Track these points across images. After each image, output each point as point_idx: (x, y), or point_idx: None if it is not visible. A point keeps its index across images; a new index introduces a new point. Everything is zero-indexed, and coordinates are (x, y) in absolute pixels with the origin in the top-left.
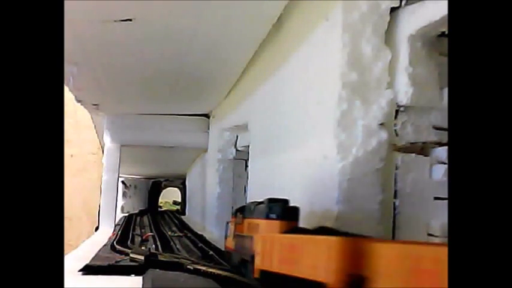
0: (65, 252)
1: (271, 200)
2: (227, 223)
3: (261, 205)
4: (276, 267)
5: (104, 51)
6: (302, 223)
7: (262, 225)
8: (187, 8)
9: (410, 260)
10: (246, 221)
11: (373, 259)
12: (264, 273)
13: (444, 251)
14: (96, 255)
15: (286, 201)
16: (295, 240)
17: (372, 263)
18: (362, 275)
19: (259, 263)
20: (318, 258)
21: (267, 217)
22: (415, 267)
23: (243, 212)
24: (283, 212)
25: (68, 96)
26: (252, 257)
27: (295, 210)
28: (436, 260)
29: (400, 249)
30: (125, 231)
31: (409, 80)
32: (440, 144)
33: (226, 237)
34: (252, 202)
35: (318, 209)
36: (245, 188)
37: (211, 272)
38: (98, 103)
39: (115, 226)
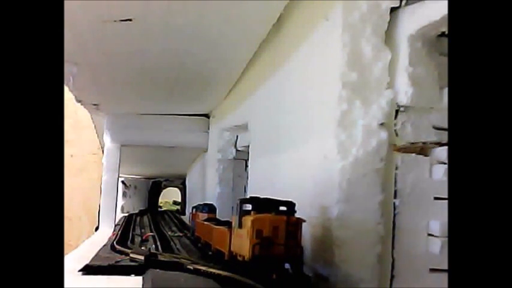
0: (65, 252)
1: (205, 203)
2: (190, 213)
3: (200, 205)
4: (201, 235)
5: (104, 51)
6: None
7: (199, 215)
8: (187, 8)
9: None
10: (196, 213)
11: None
12: (197, 236)
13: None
14: (96, 255)
15: (211, 205)
16: (206, 224)
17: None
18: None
19: (196, 233)
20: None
21: (201, 211)
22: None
23: (196, 208)
24: (208, 209)
25: (68, 96)
26: (194, 230)
27: (215, 209)
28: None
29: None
30: (125, 231)
31: (409, 80)
32: (440, 144)
33: (189, 221)
34: (199, 204)
35: (318, 208)
36: (245, 188)
37: (211, 272)
38: (98, 103)
39: (115, 226)
